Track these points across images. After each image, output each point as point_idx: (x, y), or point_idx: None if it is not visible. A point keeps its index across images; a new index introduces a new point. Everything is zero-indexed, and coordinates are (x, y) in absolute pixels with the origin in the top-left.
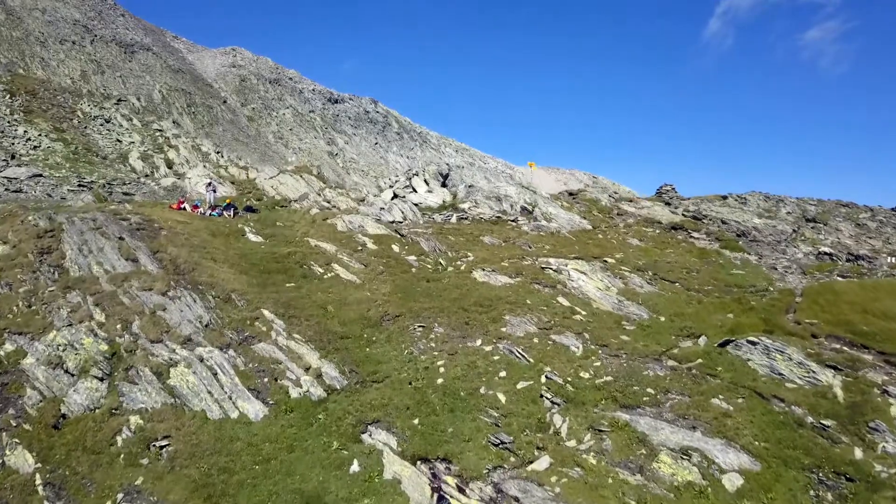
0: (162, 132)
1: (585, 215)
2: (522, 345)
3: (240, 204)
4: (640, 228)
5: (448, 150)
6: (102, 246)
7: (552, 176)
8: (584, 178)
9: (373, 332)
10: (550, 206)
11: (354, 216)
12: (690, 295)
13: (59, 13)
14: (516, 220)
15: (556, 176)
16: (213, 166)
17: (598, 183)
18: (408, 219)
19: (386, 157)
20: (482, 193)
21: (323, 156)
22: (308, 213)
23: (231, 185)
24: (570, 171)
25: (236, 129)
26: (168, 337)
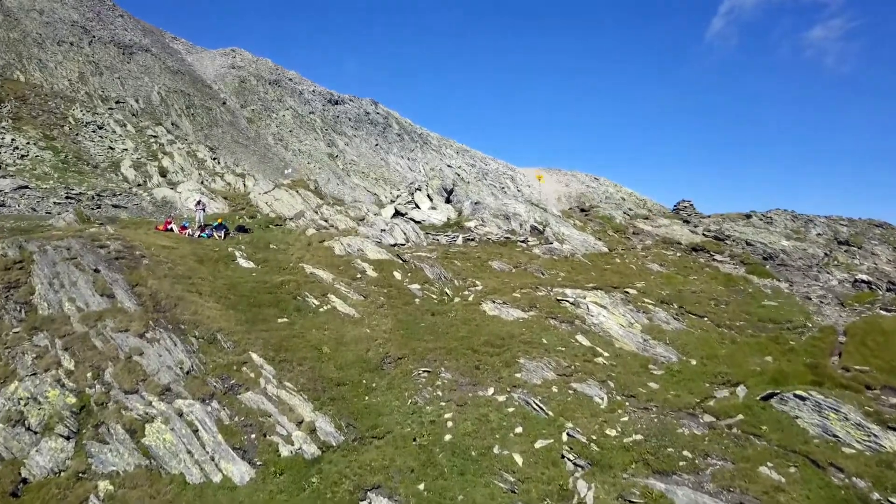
0: (157, 138)
1: (600, 235)
2: (540, 394)
3: (232, 223)
4: (660, 251)
5: (449, 151)
6: (76, 279)
7: (553, 177)
8: (586, 179)
9: (372, 377)
10: (563, 226)
11: (353, 238)
12: (722, 333)
13: (57, 14)
14: (526, 242)
15: (558, 177)
16: (208, 173)
17: (600, 184)
18: (410, 241)
19: (386, 159)
20: (489, 211)
21: (323, 157)
22: (304, 234)
23: (223, 201)
24: (572, 172)
25: (235, 130)
26: (144, 387)
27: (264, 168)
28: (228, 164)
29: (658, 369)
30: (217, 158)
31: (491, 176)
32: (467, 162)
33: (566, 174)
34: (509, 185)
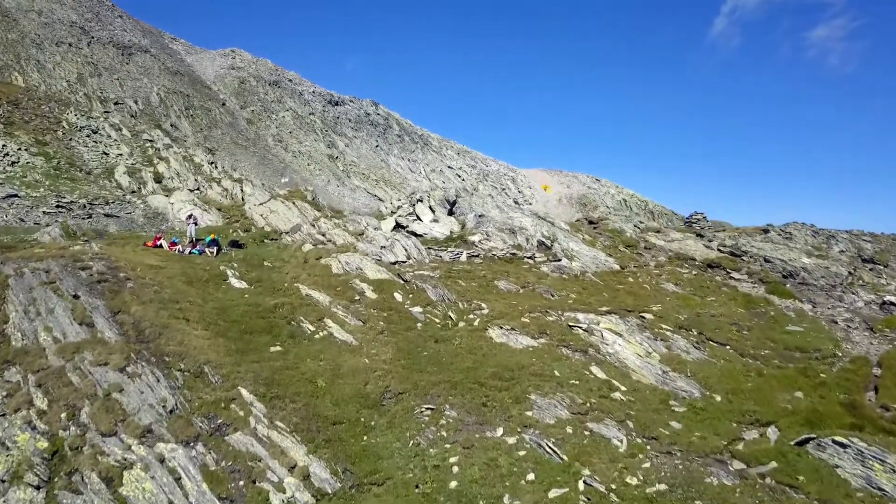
0: (152, 143)
1: (611, 251)
2: (553, 436)
3: (225, 237)
4: (674, 269)
5: (449, 152)
6: (54, 306)
7: (555, 179)
8: (587, 180)
9: (371, 414)
10: (571, 241)
11: (352, 255)
12: (746, 363)
13: (56, 15)
14: (534, 258)
15: (559, 179)
16: (205, 178)
17: (601, 186)
18: (412, 257)
19: (387, 160)
20: (494, 224)
21: (323, 159)
22: (300, 250)
23: (217, 213)
24: (573, 173)
25: (235, 132)
26: (123, 428)
27: (264, 170)
28: (226, 169)
29: (680, 406)
30: (214, 163)
31: (492, 177)
32: (468, 163)
33: (567, 175)
34: (510, 187)
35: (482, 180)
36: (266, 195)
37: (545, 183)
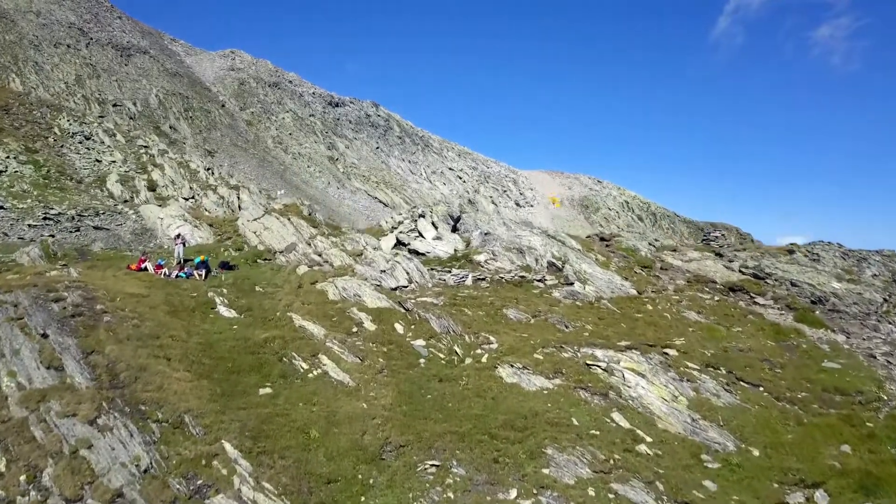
0: (147, 149)
1: (626, 274)
2: (574, 499)
3: (216, 258)
4: (695, 293)
5: (450, 154)
6: (19, 347)
7: (556, 180)
8: (589, 182)
9: (370, 470)
10: (584, 262)
11: (350, 280)
12: (783, 409)
13: (54, 16)
14: (544, 281)
15: (560, 180)
16: (201, 186)
17: (603, 187)
18: (414, 281)
19: (387, 162)
20: (501, 243)
21: (323, 161)
22: (295, 273)
23: (209, 229)
24: (575, 175)
25: (234, 133)
26: (91, 492)
27: (263, 172)
28: (222, 175)
29: (713, 461)
30: (210, 169)
31: (493, 179)
32: (469, 165)
33: (569, 177)
34: (511, 189)
35: (483, 182)
36: (260, 210)
37: (553, 195)
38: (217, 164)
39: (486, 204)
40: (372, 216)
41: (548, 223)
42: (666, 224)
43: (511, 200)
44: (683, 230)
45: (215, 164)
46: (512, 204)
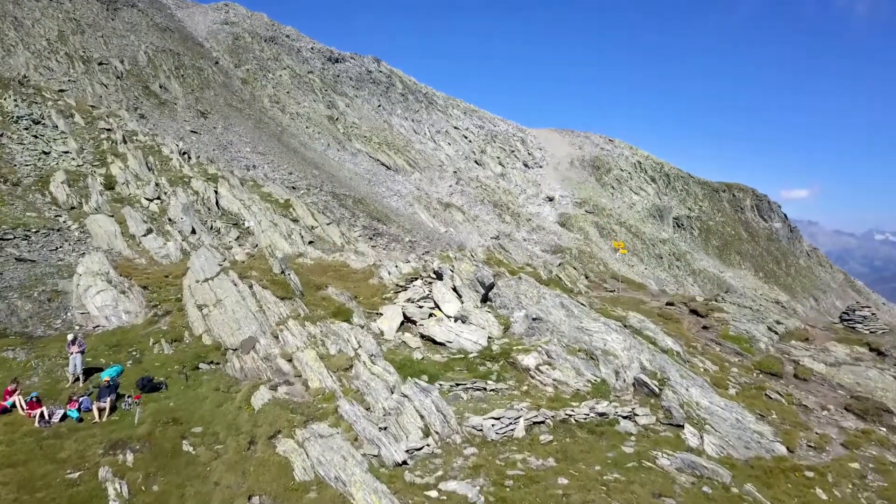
0: (110, 132)
1: (758, 404)
2: None
3: (137, 363)
4: (881, 455)
5: (455, 112)
6: None
7: (566, 139)
8: (600, 141)
9: None
10: (690, 381)
11: (329, 442)
12: None
13: None
14: (634, 419)
15: (570, 139)
16: (172, 178)
17: (615, 147)
18: (433, 433)
19: (390, 121)
20: (559, 340)
21: (322, 121)
22: (248, 403)
23: (139, 295)
24: (585, 133)
25: (229, 93)
26: None
27: (259, 135)
28: (201, 161)
29: None
30: (186, 153)
31: (500, 138)
32: (475, 123)
33: (579, 135)
34: (519, 148)
35: (490, 142)
36: (215, 267)
37: (621, 244)
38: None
39: (494, 165)
40: (374, 180)
41: (557, 185)
42: (680, 186)
43: (519, 161)
44: (698, 192)
45: (194, 146)
46: (520, 165)
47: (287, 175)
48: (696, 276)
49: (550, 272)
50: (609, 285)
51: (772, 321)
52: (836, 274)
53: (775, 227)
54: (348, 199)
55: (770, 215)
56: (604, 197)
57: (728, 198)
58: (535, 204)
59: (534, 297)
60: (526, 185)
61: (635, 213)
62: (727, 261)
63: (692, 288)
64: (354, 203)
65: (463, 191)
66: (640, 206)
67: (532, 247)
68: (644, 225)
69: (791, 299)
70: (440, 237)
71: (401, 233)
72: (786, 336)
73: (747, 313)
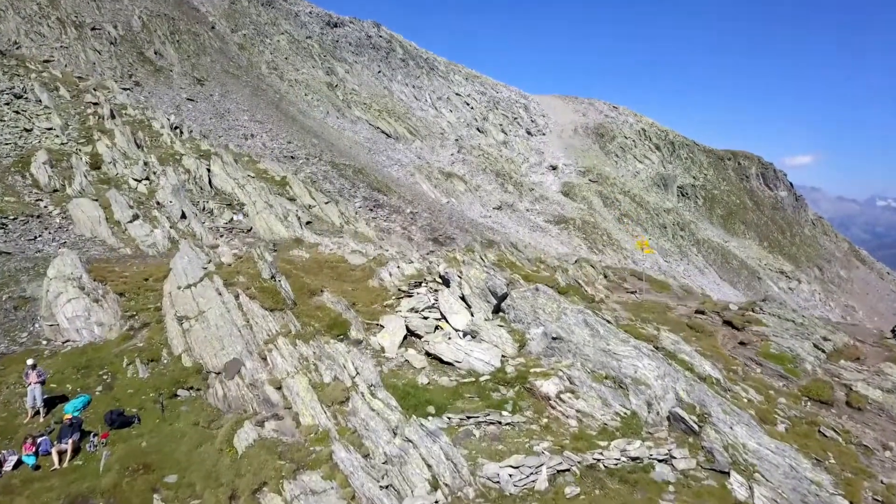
0: (97, 106)
1: (812, 445)
2: None
3: (106, 391)
4: None
5: (457, 77)
6: None
7: (569, 106)
8: (604, 108)
9: None
10: (734, 418)
11: (325, 496)
12: None
13: None
14: (671, 462)
15: (574, 106)
16: (163, 155)
17: (619, 114)
18: (442, 484)
19: (390, 88)
20: (582, 364)
21: (321, 88)
22: (231, 444)
23: (113, 306)
24: (589, 100)
25: (226, 59)
26: None
27: (257, 102)
28: (193, 135)
29: None
30: (178, 127)
31: (502, 105)
32: (477, 90)
33: (583, 102)
34: (522, 115)
35: (492, 109)
36: (199, 271)
37: (641, 240)
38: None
39: (496, 132)
40: (374, 149)
41: (561, 153)
42: (685, 154)
43: (522, 128)
44: (703, 160)
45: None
46: (523, 132)
47: (286, 144)
48: (700, 246)
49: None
50: (629, 285)
51: (818, 337)
52: (841, 243)
53: (781, 196)
54: (348, 169)
55: (776, 184)
56: (608, 165)
57: (733, 166)
58: (538, 173)
59: (553, 313)
60: (529, 154)
61: (639, 181)
62: (731, 230)
63: (696, 258)
64: (354, 173)
65: (465, 159)
66: (644, 175)
67: (535, 217)
68: (648, 194)
69: (795, 269)
70: (441, 208)
71: (402, 204)
72: (834, 355)
73: (790, 327)
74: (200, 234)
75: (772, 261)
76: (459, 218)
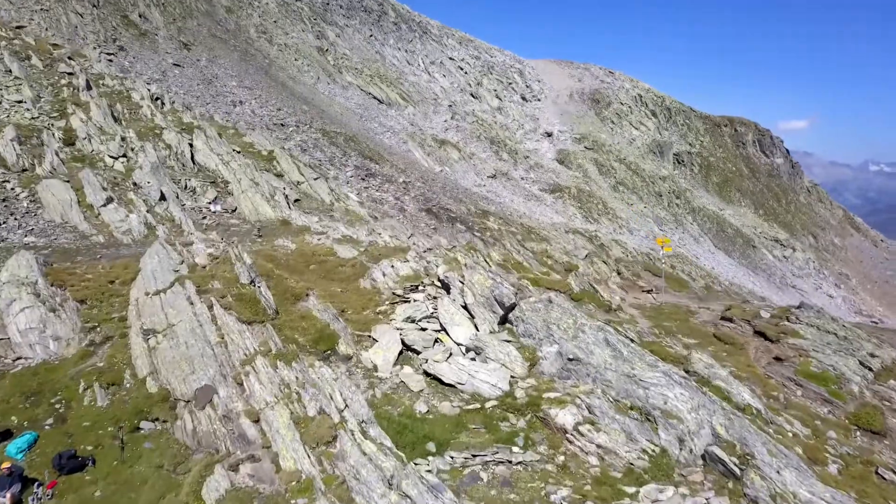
0: (72, 76)
1: (869, 493)
2: None
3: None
4: None
5: (450, 42)
6: None
7: (565, 71)
8: (600, 73)
9: None
10: (788, 467)
11: None
12: None
13: None
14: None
15: (570, 71)
16: (142, 129)
17: (615, 79)
18: None
19: (382, 52)
20: (602, 385)
21: (311, 52)
22: (200, 497)
23: (74, 316)
24: (585, 65)
25: (213, 22)
26: None
27: (246, 68)
28: (176, 107)
29: None
30: (160, 98)
31: (497, 70)
32: (471, 54)
33: (578, 67)
34: (517, 80)
35: (486, 73)
36: (169, 272)
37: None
38: (178, 81)
39: (490, 98)
40: (366, 115)
41: (556, 120)
42: (681, 120)
43: (517, 94)
44: (699, 126)
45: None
46: (518, 98)
47: (275, 111)
48: (696, 215)
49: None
50: (644, 282)
51: (864, 354)
52: (836, 210)
53: (777, 163)
54: (339, 137)
55: (772, 150)
56: (603, 132)
57: (730, 132)
58: (533, 140)
59: (569, 329)
60: (523, 120)
61: (635, 149)
62: (727, 198)
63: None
64: (346, 141)
65: (458, 126)
66: (640, 142)
67: (530, 186)
68: (644, 161)
69: (790, 237)
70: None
71: (394, 173)
72: (883, 374)
73: (831, 341)
74: (180, 218)
75: (767, 229)
76: (453, 187)
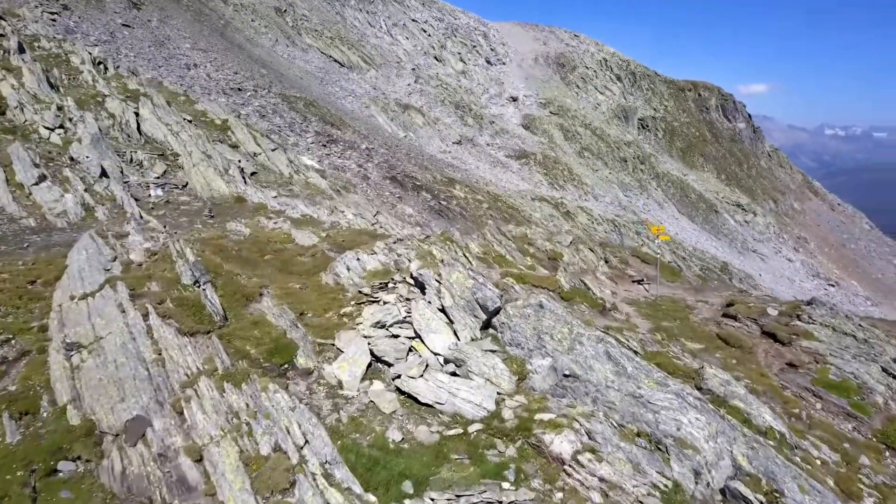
0: (2, 38)
1: None
2: None
3: None
4: None
5: (413, 2)
6: None
7: (529, 34)
8: (565, 36)
9: None
10: (811, 496)
11: None
12: None
13: None
14: None
15: (535, 34)
16: (81, 97)
17: (580, 42)
18: None
19: (343, 13)
20: (604, 407)
21: (269, 13)
22: None
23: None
24: (550, 27)
25: None
26: None
27: (200, 29)
28: (121, 73)
29: None
30: (103, 63)
31: (461, 32)
32: (434, 16)
33: (543, 30)
34: (481, 43)
35: (450, 36)
36: (100, 271)
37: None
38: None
39: (455, 62)
40: (326, 79)
41: (521, 84)
42: (646, 85)
43: (481, 57)
44: (664, 91)
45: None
46: (482, 62)
47: (232, 75)
48: (660, 180)
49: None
50: (633, 271)
51: (888, 359)
52: (795, 175)
53: (739, 128)
54: (299, 102)
55: (735, 115)
56: (568, 97)
57: (693, 97)
58: (498, 105)
59: (564, 340)
60: (488, 84)
61: (600, 114)
62: (690, 163)
63: (656, 192)
64: (306, 106)
65: (422, 90)
66: (605, 107)
67: (496, 152)
68: (609, 127)
69: (751, 202)
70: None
71: (357, 139)
72: None
73: (850, 344)
74: (122, 198)
75: (729, 194)
76: (418, 154)
